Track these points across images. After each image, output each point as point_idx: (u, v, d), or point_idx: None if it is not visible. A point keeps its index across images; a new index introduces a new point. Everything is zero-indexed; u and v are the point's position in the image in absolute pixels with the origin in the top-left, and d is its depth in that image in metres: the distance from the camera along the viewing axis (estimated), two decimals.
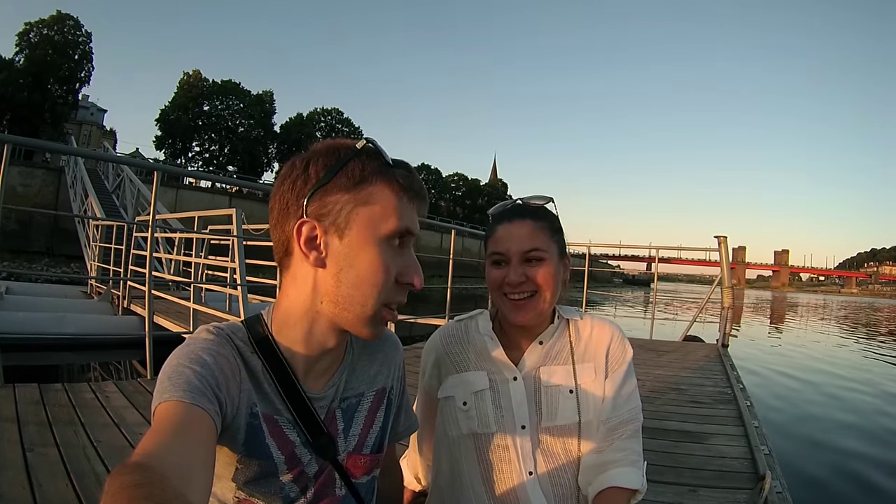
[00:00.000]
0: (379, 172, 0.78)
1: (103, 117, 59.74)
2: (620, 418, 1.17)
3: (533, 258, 1.13)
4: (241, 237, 5.86)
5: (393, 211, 0.78)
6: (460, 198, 74.00)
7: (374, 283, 0.77)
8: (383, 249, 0.78)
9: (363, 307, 0.78)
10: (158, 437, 0.59)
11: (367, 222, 0.77)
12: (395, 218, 0.78)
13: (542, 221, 1.16)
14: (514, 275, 1.12)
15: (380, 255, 0.77)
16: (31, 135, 32.04)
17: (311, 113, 57.00)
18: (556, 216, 1.21)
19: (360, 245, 0.77)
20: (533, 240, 1.13)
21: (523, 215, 1.16)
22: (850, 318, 34.20)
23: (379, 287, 0.78)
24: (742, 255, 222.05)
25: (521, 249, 1.13)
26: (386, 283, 0.78)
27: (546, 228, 1.16)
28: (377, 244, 0.77)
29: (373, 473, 0.93)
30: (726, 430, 3.24)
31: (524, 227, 1.14)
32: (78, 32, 40.63)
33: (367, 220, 0.77)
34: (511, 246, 1.14)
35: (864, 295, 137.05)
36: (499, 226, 1.17)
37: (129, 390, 3.19)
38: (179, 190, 34.62)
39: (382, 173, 0.78)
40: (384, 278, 0.78)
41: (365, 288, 0.77)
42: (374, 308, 0.78)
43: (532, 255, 1.13)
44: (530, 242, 1.13)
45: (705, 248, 8.21)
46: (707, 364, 5.78)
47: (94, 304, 9.07)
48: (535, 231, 1.14)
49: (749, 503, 2.11)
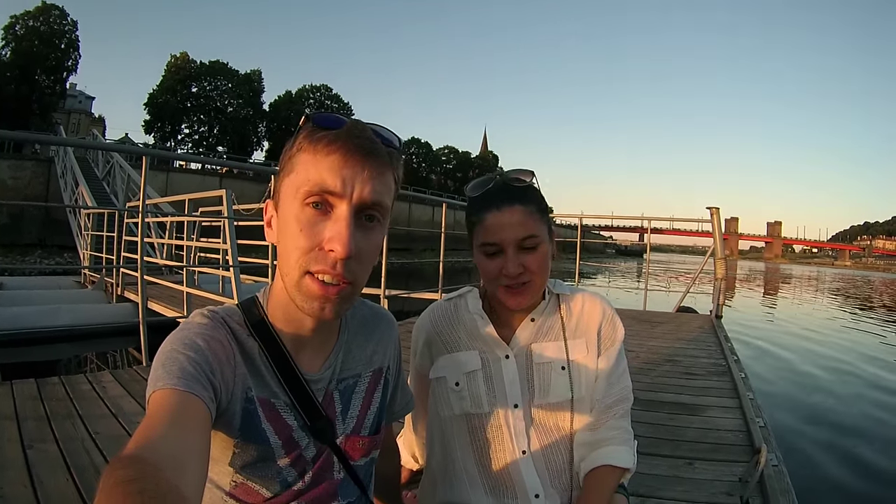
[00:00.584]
0: (304, 138, 0.76)
1: (91, 105, 59.32)
2: (614, 397, 1.18)
3: (528, 246, 1.09)
4: (231, 218, 5.86)
5: (305, 172, 0.74)
6: (451, 170, 73.71)
7: (291, 249, 0.75)
8: (298, 214, 0.75)
9: (289, 276, 0.76)
10: (153, 427, 0.59)
11: (289, 190, 0.76)
12: (305, 179, 0.74)
13: (531, 204, 1.11)
14: (512, 266, 1.08)
15: (295, 221, 0.75)
16: (19, 127, 31.82)
17: (300, 90, 56.56)
18: (540, 192, 1.16)
19: (285, 214, 0.77)
20: (527, 226, 1.08)
21: (512, 200, 1.09)
22: (844, 292, 34.38)
23: (295, 253, 0.75)
24: (735, 226, 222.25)
25: (516, 238, 1.08)
26: (301, 248, 0.74)
27: (536, 211, 1.11)
28: (294, 210, 0.75)
29: (371, 455, 0.93)
30: (721, 403, 3.26)
31: (515, 214, 1.08)
32: (63, 21, 40.34)
33: (289, 188, 0.76)
34: (506, 236, 1.08)
35: (858, 268, 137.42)
36: (487, 214, 1.10)
37: (125, 379, 3.20)
38: (170, 173, 34.33)
39: (306, 138, 0.76)
40: (298, 243, 0.74)
41: (286, 255, 0.76)
42: (296, 276, 0.75)
43: (527, 242, 1.09)
44: (525, 230, 1.08)
45: (698, 220, 8.21)
46: (701, 335, 5.81)
47: (89, 293, 9.08)
48: (527, 216, 1.09)
49: (745, 476, 2.13)
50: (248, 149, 51.34)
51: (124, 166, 14.60)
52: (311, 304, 0.76)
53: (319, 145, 0.74)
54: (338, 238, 0.73)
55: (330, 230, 0.74)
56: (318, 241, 0.74)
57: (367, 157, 0.75)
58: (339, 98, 58.42)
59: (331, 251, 0.73)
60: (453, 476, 1.20)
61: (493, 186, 1.13)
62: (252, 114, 52.01)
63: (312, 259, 0.74)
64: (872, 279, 62.13)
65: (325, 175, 0.73)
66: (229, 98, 50.55)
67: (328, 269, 0.74)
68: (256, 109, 52.54)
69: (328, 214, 0.74)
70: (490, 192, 1.13)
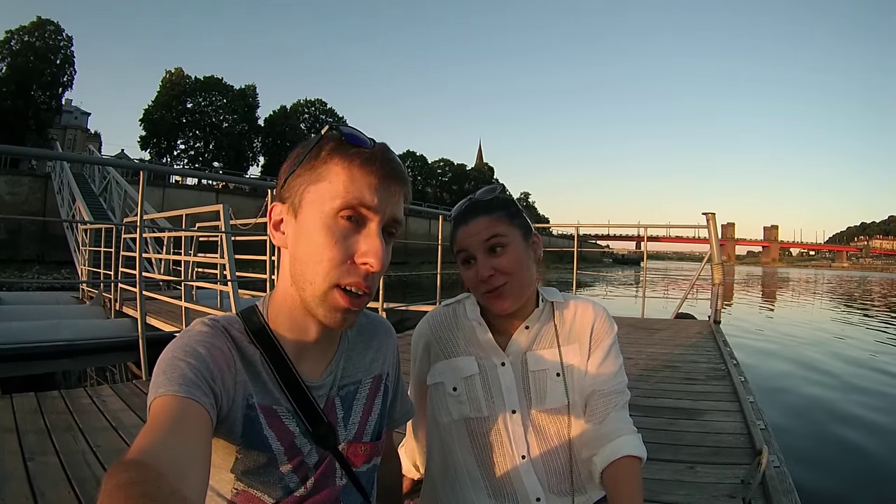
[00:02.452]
0: (333, 150, 0.78)
1: (87, 120, 59.16)
2: (612, 387, 1.18)
3: (496, 245, 1.13)
4: (229, 233, 5.85)
5: (341, 185, 0.76)
6: (447, 183, 74.10)
7: (319, 260, 0.76)
8: (331, 225, 0.76)
9: (313, 286, 0.77)
10: (154, 433, 0.59)
11: (316, 198, 0.77)
12: (343, 192, 0.76)
13: (497, 211, 1.16)
14: (482, 269, 1.12)
15: (326, 231, 0.76)
16: (15, 142, 31.85)
17: (295, 105, 56.98)
18: (510, 200, 1.21)
19: (310, 222, 0.77)
20: (491, 228, 1.13)
21: (477, 213, 1.16)
22: (841, 293, 34.39)
23: (325, 264, 0.76)
24: (731, 231, 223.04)
25: (481, 240, 1.13)
26: (333, 260, 0.76)
27: (503, 216, 1.15)
28: (325, 220, 0.76)
29: (373, 462, 0.93)
30: (721, 406, 3.26)
31: (480, 224, 1.14)
32: (59, 37, 40.50)
33: (316, 197, 0.77)
34: (471, 241, 1.14)
35: (855, 269, 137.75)
36: (458, 230, 1.17)
37: (125, 393, 3.19)
38: (166, 189, 34.49)
39: (336, 150, 0.78)
40: (330, 255, 0.76)
41: (312, 265, 0.77)
42: (324, 287, 0.77)
43: (493, 242, 1.12)
44: (488, 231, 1.13)
45: (694, 226, 8.22)
46: (700, 341, 5.80)
47: (87, 308, 9.03)
48: (492, 221, 1.14)
49: (747, 478, 2.13)
50: (244, 164, 51.58)
51: (121, 182, 14.60)
52: (334, 315, 0.78)
53: (356, 161, 0.77)
54: (373, 252, 0.76)
55: (365, 244, 0.77)
56: (350, 253, 0.77)
57: (398, 180, 0.80)
58: (333, 112, 58.78)
59: (364, 264, 0.76)
60: (455, 481, 1.21)
61: (465, 207, 1.20)
62: (247, 129, 52.25)
63: (344, 272, 0.76)
64: (871, 280, 61.97)
65: (365, 192, 0.76)
66: (224, 113, 50.78)
67: (360, 282, 0.77)
68: (251, 125, 52.79)
69: (359, 229, 0.77)
70: (462, 212, 1.19)
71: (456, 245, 1.18)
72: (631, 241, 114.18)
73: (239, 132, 51.08)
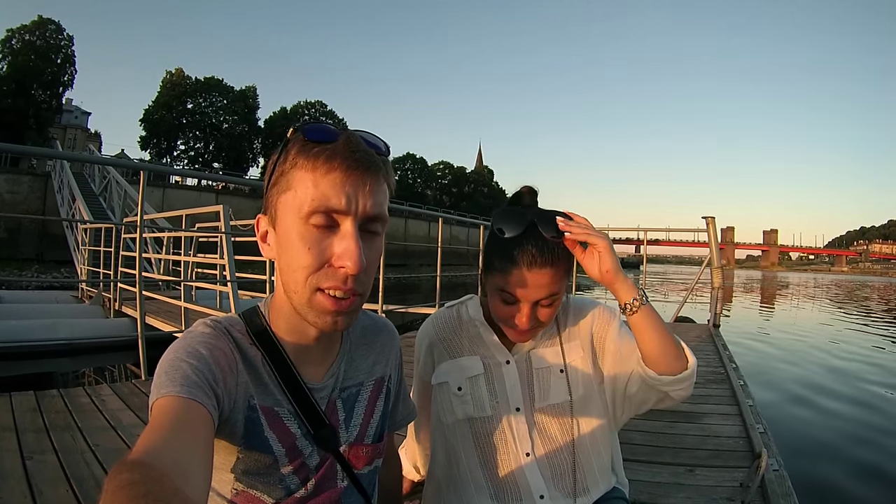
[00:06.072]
0: (297, 153, 0.75)
1: (87, 120, 58.92)
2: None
3: (546, 304, 1.09)
4: (229, 233, 5.85)
5: (306, 192, 0.73)
6: (447, 186, 73.96)
7: (296, 268, 0.75)
8: (303, 233, 0.74)
9: (297, 294, 0.76)
10: (156, 434, 0.59)
11: (287, 208, 0.75)
12: (309, 199, 0.73)
13: (561, 265, 1.08)
14: (525, 318, 1.09)
15: (300, 239, 0.74)
16: (15, 141, 31.73)
17: (295, 106, 56.73)
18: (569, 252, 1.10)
19: (286, 232, 0.76)
20: (550, 287, 1.07)
21: (544, 262, 1.05)
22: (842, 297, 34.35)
23: (302, 272, 0.75)
24: (731, 235, 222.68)
25: (537, 298, 1.08)
26: (309, 268, 0.74)
27: (562, 270, 1.09)
28: (297, 228, 0.74)
29: (374, 464, 0.93)
30: (721, 410, 3.26)
31: (544, 277, 1.06)
32: (60, 36, 40.39)
33: (286, 206, 0.76)
34: (527, 294, 1.07)
35: (855, 273, 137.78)
36: (514, 268, 1.06)
37: (124, 392, 3.19)
38: (166, 189, 34.43)
39: (300, 153, 0.75)
40: (306, 262, 0.74)
41: (293, 273, 0.76)
42: (307, 294, 0.76)
43: (546, 301, 1.09)
44: (548, 290, 1.07)
45: (694, 230, 8.23)
46: (699, 344, 5.79)
47: (86, 307, 9.03)
48: (554, 278, 1.07)
49: (746, 481, 2.13)
50: (243, 165, 51.48)
51: (121, 182, 14.60)
52: (323, 319, 0.77)
53: (318, 161, 0.73)
54: (348, 255, 0.73)
55: (339, 247, 0.74)
56: (326, 258, 0.75)
57: (367, 171, 0.75)
58: (333, 114, 58.63)
59: (341, 268, 0.74)
60: (458, 481, 1.21)
61: (525, 232, 1.07)
62: (247, 130, 52.10)
63: (322, 276, 0.75)
64: (871, 285, 61.88)
65: (329, 193, 0.73)
66: (224, 114, 50.65)
67: (339, 285, 0.75)
68: (251, 126, 52.68)
69: (333, 231, 0.75)
70: (522, 241, 1.07)
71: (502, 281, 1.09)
72: (631, 244, 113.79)
73: (239, 133, 50.98)
